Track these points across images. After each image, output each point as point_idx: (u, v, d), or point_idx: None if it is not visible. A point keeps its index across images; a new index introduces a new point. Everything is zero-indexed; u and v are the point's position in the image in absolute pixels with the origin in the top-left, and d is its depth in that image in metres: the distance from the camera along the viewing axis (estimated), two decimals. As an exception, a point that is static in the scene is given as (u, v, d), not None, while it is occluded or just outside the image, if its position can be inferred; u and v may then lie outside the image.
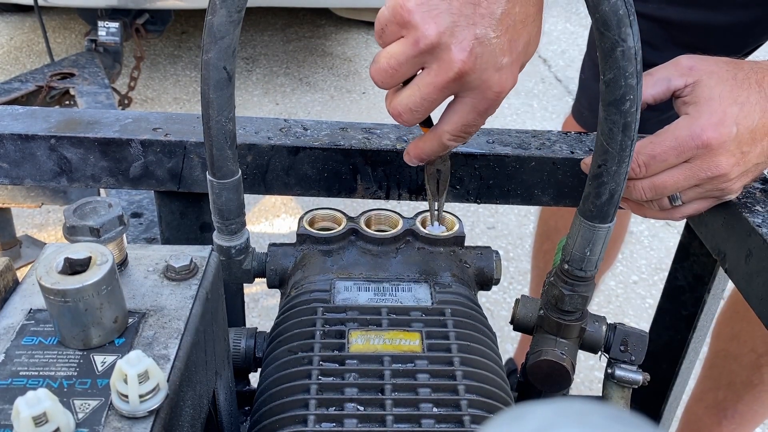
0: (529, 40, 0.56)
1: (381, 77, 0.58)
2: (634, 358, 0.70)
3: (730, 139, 0.65)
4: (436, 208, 0.72)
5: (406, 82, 0.59)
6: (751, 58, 1.18)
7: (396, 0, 0.54)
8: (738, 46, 1.12)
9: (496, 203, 0.83)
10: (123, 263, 0.51)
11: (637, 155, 0.69)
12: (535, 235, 1.62)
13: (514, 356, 1.80)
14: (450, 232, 0.74)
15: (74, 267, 0.44)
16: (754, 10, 1.04)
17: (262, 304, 2.09)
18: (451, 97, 0.59)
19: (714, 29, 1.08)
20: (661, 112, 1.18)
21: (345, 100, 3.43)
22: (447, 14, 0.53)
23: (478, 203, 0.83)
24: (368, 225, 0.75)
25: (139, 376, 0.38)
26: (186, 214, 0.86)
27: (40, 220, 2.39)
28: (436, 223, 0.73)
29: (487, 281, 0.74)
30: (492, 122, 0.64)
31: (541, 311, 0.68)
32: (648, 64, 1.18)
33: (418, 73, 0.58)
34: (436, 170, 0.70)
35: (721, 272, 0.83)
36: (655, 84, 0.71)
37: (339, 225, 0.74)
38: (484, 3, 0.53)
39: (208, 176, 0.63)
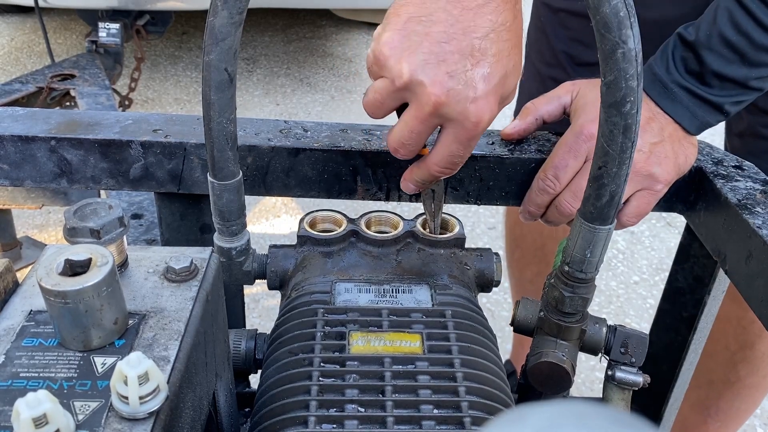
0: (505, 73, 0.60)
1: (370, 109, 0.64)
2: (634, 360, 0.70)
3: None
4: (434, 227, 0.74)
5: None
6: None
7: (375, 45, 0.61)
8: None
9: (497, 204, 0.83)
10: (123, 265, 0.51)
11: (543, 172, 0.75)
12: (505, 244, 1.62)
13: (511, 358, 1.80)
14: (450, 234, 0.74)
15: (74, 268, 0.44)
16: (682, 6, 1.05)
17: (262, 306, 2.09)
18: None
19: (643, 24, 1.09)
20: None
21: (345, 101, 3.43)
22: (418, 54, 0.58)
23: (479, 204, 0.83)
24: (368, 226, 0.75)
25: (139, 377, 0.38)
26: (186, 215, 0.86)
27: (40, 222, 2.39)
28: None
29: (487, 283, 0.74)
30: (493, 124, 0.64)
31: (542, 313, 0.68)
32: (585, 63, 1.18)
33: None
34: (431, 191, 0.73)
35: (721, 274, 0.83)
36: (549, 102, 0.79)
37: (339, 227, 0.74)
38: (453, 41, 0.58)
39: (209, 177, 0.63)
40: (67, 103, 1.85)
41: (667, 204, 0.83)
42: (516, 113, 1.40)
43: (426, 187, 0.70)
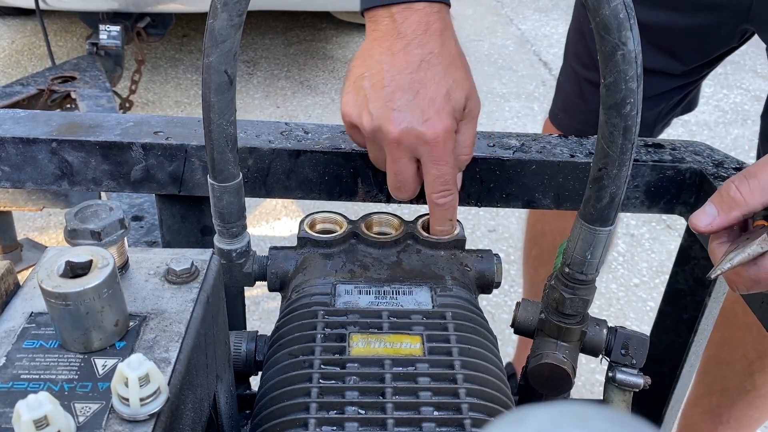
0: (448, 90, 0.65)
1: (378, 165, 0.72)
2: (635, 361, 0.70)
3: None
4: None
5: None
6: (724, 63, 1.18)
7: (341, 109, 0.69)
8: (705, 50, 1.11)
9: (497, 206, 0.83)
10: (124, 266, 0.51)
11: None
12: (524, 240, 1.62)
13: (513, 360, 1.80)
14: (451, 236, 0.74)
15: (75, 270, 0.44)
16: (720, 13, 1.04)
17: (263, 308, 2.09)
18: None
19: (678, 31, 1.09)
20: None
21: (346, 103, 3.43)
22: (368, 105, 0.65)
23: (479, 206, 0.83)
24: (369, 228, 0.75)
25: (140, 379, 0.38)
26: (187, 217, 0.86)
27: (41, 224, 2.39)
28: None
29: (487, 284, 0.74)
30: (493, 125, 0.65)
31: (542, 314, 0.68)
32: None
33: None
34: None
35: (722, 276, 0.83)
36: (763, 191, 0.60)
37: (340, 228, 0.74)
38: (393, 83, 0.64)
39: (209, 179, 0.63)
40: (68, 105, 1.85)
41: (667, 206, 0.83)
42: (550, 112, 1.39)
43: (451, 222, 0.73)
